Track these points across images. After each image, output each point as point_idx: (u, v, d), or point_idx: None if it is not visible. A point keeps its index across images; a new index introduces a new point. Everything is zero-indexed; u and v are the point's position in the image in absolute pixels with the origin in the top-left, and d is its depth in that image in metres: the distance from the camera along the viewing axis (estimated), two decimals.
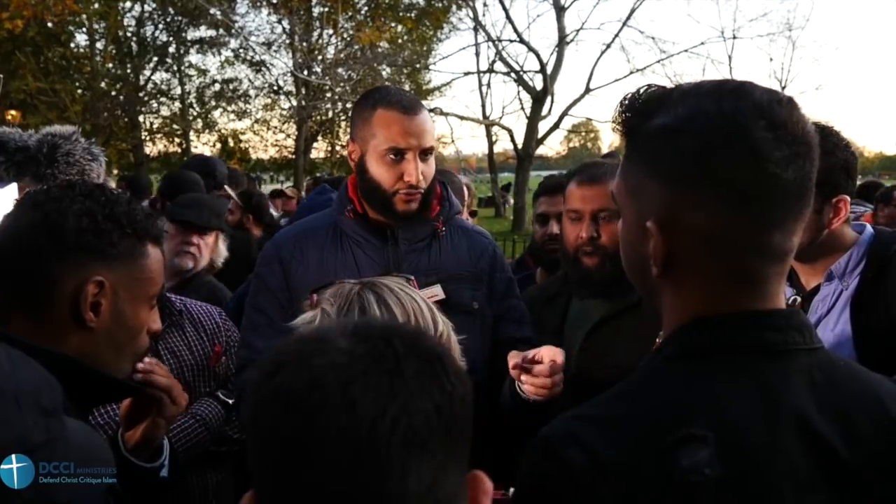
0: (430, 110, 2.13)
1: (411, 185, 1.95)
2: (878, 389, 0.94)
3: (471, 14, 20.65)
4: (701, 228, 0.90)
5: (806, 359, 0.92)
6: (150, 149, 25.87)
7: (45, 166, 2.00)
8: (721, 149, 0.88)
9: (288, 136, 26.89)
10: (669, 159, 0.91)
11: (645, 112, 0.95)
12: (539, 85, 19.62)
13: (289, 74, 23.42)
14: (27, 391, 0.87)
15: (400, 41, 23.12)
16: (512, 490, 1.61)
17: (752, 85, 0.93)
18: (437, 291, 1.98)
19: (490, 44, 20.44)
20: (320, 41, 22.68)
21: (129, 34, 23.39)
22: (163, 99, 25.45)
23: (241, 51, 24.52)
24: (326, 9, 22.15)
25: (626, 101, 0.98)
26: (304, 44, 21.61)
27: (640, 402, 0.91)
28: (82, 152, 2.08)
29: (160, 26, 23.70)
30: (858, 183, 5.93)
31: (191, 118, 25.73)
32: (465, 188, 3.24)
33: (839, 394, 0.91)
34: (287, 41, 23.29)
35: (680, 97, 0.93)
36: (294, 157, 24.91)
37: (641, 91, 0.98)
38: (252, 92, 25.76)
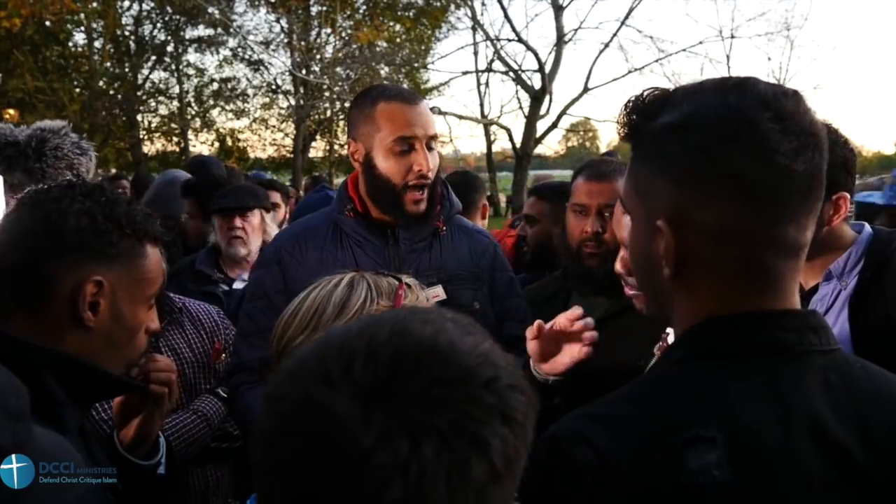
0: (429, 109, 2.18)
1: (421, 175, 1.94)
2: (895, 391, 0.92)
3: (469, 13, 20.55)
4: (712, 225, 0.88)
5: (821, 360, 0.90)
6: (149, 148, 25.85)
7: (34, 160, 1.99)
8: (728, 142, 0.87)
9: (286, 135, 26.83)
10: (677, 156, 0.90)
11: (649, 112, 0.94)
12: (537, 84, 19.57)
13: (287, 73, 23.36)
14: None
15: (398, 40, 23.08)
16: None
17: (755, 80, 0.91)
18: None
19: (488, 43, 20.39)
20: (318, 40, 22.63)
21: (127, 33, 23.33)
22: (161, 98, 25.41)
23: (239, 50, 24.50)
24: (324, 8, 22.10)
25: (630, 104, 0.96)
26: (303, 43, 21.56)
27: (649, 402, 0.89)
28: (71, 146, 2.06)
29: (158, 25, 23.63)
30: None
31: (189, 117, 25.66)
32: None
33: (854, 396, 0.89)
34: (285, 40, 23.22)
35: (684, 95, 0.92)
36: (292, 156, 24.86)
37: (644, 93, 0.96)
38: (250, 91, 25.75)
